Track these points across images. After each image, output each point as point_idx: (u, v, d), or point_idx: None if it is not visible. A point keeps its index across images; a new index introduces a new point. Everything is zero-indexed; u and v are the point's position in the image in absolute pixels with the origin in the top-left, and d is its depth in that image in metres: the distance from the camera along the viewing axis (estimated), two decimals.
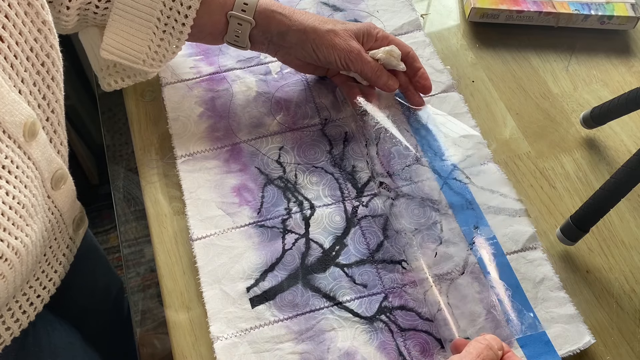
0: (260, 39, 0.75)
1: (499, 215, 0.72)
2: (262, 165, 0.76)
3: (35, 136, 0.56)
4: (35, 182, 0.57)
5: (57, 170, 0.61)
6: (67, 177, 0.64)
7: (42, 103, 0.59)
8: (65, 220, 0.67)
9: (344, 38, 0.74)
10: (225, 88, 0.82)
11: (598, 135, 0.81)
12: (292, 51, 0.76)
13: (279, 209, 0.72)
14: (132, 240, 0.75)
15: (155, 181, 0.75)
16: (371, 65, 0.75)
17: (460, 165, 0.76)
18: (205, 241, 0.69)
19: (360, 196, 0.74)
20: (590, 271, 0.70)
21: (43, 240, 0.61)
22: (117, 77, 0.76)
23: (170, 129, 0.78)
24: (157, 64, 0.74)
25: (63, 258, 0.70)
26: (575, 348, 0.64)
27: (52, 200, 0.62)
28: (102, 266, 0.96)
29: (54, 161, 0.60)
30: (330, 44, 0.74)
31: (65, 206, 0.65)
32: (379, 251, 0.70)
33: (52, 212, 0.63)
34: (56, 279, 0.69)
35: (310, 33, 0.73)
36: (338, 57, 0.74)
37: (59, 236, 0.67)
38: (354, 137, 0.78)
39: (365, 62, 0.75)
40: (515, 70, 0.88)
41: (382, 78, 0.76)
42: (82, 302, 0.87)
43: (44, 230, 0.61)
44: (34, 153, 0.56)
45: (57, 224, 0.65)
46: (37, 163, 0.57)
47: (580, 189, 0.76)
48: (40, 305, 0.67)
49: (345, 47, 0.74)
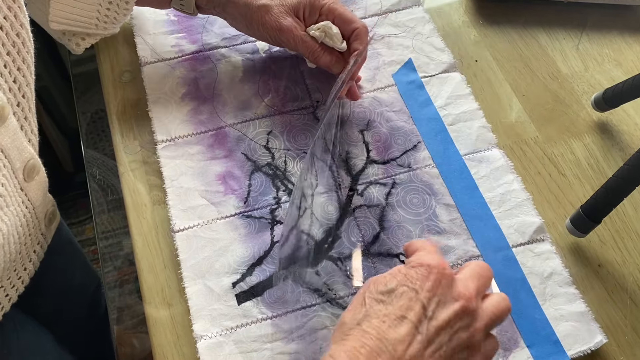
0: (207, 6, 0.76)
1: (503, 205, 0.72)
2: (249, 151, 0.75)
3: (4, 121, 0.55)
4: (4, 172, 0.56)
5: (29, 160, 0.61)
6: (39, 167, 0.63)
7: (13, 87, 0.58)
8: (37, 215, 0.66)
9: (276, 15, 0.73)
10: (210, 68, 0.82)
11: (611, 119, 0.81)
12: (236, 24, 0.76)
13: (267, 198, 0.72)
14: (109, 232, 0.75)
15: (134, 168, 0.75)
16: (307, 45, 0.74)
17: (462, 151, 0.76)
18: (188, 233, 0.69)
19: (354, 184, 0.73)
20: (602, 265, 0.70)
21: (18, 237, 0.61)
22: (78, 38, 0.75)
23: (150, 112, 0.78)
24: (111, 26, 0.74)
25: (34, 255, 0.69)
26: (586, 348, 0.64)
27: (25, 193, 0.62)
28: (77, 262, 0.95)
29: (25, 150, 0.60)
30: (260, 22, 0.73)
31: (38, 199, 0.65)
32: (375, 243, 0.69)
33: (25, 206, 0.62)
34: (25, 278, 0.68)
35: (242, 7, 0.73)
36: (269, 36, 0.75)
37: (32, 232, 0.67)
38: (348, 121, 0.78)
39: (298, 41, 0.74)
40: (521, 49, 0.87)
41: (321, 59, 0.74)
42: (55, 300, 0.87)
43: (19, 225, 0.61)
44: (3, 140, 0.56)
45: (30, 218, 0.64)
46: (7, 151, 0.57)
47: (591, 177, 0.76)
48: (8, 305, 0.66)
49: (274, 26, 0.73)
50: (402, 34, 0.87)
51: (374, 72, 0.83)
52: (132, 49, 0.84)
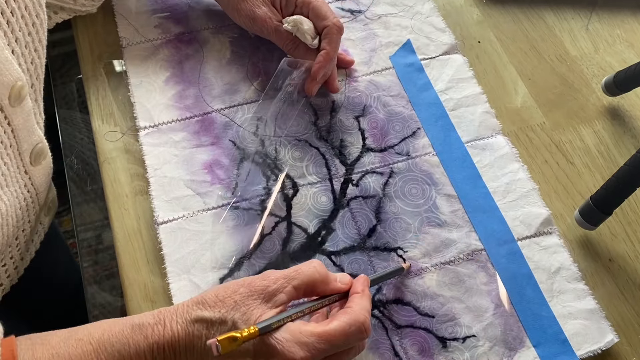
0: None
1: (508, 195, 0.72)
2: (238, 138, 0.75)
3: (21, 102, 0.56)
4: (9, 151, 0.57)
5: (37, 144, 0.62)
6: (47, 152, 0.65)
7: (30, 68, 0.59)
8: (39, 201, 0.67)
9: (251, 3, 0.74)
10: (195, 49, 0.81)
11: (622, 104, 0.81)
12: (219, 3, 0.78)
13: (256, 189, 0.71)
14: (89, 224, 0.75)
15: (114, 156, 0.74)
16: (280, 37, 0.75)
17: (464, 138, 0.76)
18: (172, 225, 0.69)
19: (349, 174, 0.73)
20: (613, 259, 0.70)
21: (16, 220, 0.62)
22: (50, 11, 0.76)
23: (132, 97, 0.77)
24: (89, 3, 0.76)
25: (31, 244, 0.70)
26: (596, 348, 0.64)
27: (29, 177, 0.62)
28: (62, 254, 0.95)
29: (35, 133, 0.61)
30: (235, 8, 0.75)
31: (42, 185, 0.66)
32: (371, 237, 0.69)
33: (27, 190, 0.63)
34: (20, 267, 0.69)
35: None
36: (244, 24, 0.76)
37: (32, 218, 0.67)
38: (342, 107, 0.78)
39: (271, 32, 0.75)
40: (527, 29, 0.87)
41: (293, 53, 0.76)
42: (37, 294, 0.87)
43: (18, 208, 0.61)
44: (16, 120, 0.57)
45: (32, 203, 0.65)
46: (17, 131, 0.58)
47: (601, 165, 0.76)
48: None
49: (248, 14, 0.74)
50: (400, 13, 0.86)
51: (370, 54, 0.82)
52: (113, 30, 0.83)
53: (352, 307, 0.53)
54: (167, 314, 0.51)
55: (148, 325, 0.50)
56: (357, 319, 0.51)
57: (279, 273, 0.53)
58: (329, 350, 0.50)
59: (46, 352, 0.48)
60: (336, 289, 0.55)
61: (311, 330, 0.50)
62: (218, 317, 0.50)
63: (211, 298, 0.51)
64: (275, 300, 0.51)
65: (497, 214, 0.70)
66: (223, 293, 0.51)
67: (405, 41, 0.83)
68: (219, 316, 0.50)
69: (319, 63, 0.73)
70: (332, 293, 0.55)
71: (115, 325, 0.51)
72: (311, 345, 0.49)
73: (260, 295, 0.51)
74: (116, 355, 0.49)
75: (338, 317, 0.52)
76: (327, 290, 0.55)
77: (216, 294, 0.51)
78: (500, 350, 0.62)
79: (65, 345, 0.49)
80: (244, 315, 0.50)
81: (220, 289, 0.52)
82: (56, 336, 0.50)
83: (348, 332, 0.51)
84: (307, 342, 0.49)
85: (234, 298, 0.51)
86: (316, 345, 0.49)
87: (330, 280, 0.55)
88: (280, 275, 0.53)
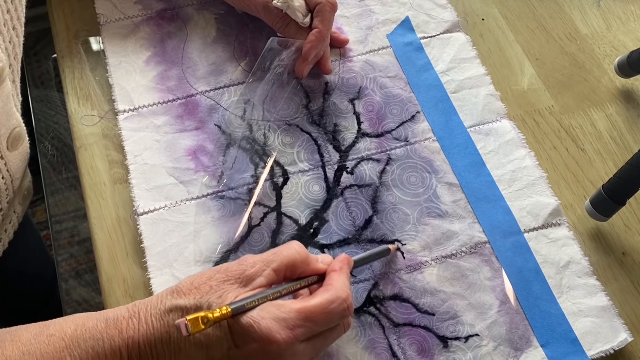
0: None
1: (514, 184, 0.71)
2: (224, 122, 0.75)
3: (1, 83, 0.56)
4: None
5: (14, 128, 0.62)
6: (24, 137, 0.65)
7: (9, 47, 0.59)
8: (14, 188, 0.67)
9: None
10: (178, 27, 0.81)
11: (636, 86, 0.80)
12: None
13: (244, 176, 0.71)
14: (64, 215, 0.75)
15: (91, 142, 0.74)
16: (270, 14, 0.74)
17: (467, 123, 0.75)
18: (154, 216, 0.69)
19: (344, 161, 0.73)
20: (627, 253, 0.69)
21: None
22: None
23: (110, 78, 0.77)
24: None
25: (4, 234, 0.70)
26: (609, 347, 0.63)
27: (4, 162, 0.62)
28: (35, 246, 0.95)
29: (13, 117, 0.61)
30: None
31: (18, 171, 0.66)
32: (366, 228, 0.69)
33: (2, 176, 0.63)
34: None
35: None
36: (232, 3, 0.76)
37: (5, 207, 0.67)
38: (336, 89, 0.77)
39: (260, 9, 0.74)
40: (535, 6, 0.86)
41: (284, 31, 0.75)
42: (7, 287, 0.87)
43: None
44: None
45: (6, 190, 0.65)
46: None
47: (614, 152, 0.76)
48: None
49: None
50: None
51: (366, 32, 0.81)
52: (90, 5, 0.83)
53: (333, 284, 0.53)
54: (142, 306, 0.51)
55: (122, 318, 0.50)
56: (338, 295, 0.52)
57: (257, 257, 0.54)
58: (311, 328, 0.51)
59: (16, 350, 0.48)
60: (318, 270, 0.56)
61: (290, 306, 0.50)
62: (193, 303, 0.50)
63: (186, 286, 0.51)
64: (253, 284, 0.52)
65: (502, 203, 0.70)
66: (198, 280, 0.52)
67: (404, 18, 0.82)
68: (194, 302, 0.50)
69: (310, 42, 0.72)
70: (313, 274, 0.56)
71: (88, 319, 0.51)
72: (291, 322, 0.49)
73: (238, 280, 0.52)
74: (90, 351, 0.49)
75: (319, 293, 0.53)
76: (309, 271, 0.56)
77: (191, 281, 0.52)
78: (506, 350, 0.62)
79: (37, 342, 0.49)
80: (220, 298, 0.50)
81: (196, 276, 0.52)
82: (27, 332, 0.50)
83: (330, 309, 0.51)
84: (286, 317, 0.50)
85: (210, 284, 0.51)
86: (297, 321, 0.50)
87: (311, 261, 0.56)
88: (258, 259, 0.53)
